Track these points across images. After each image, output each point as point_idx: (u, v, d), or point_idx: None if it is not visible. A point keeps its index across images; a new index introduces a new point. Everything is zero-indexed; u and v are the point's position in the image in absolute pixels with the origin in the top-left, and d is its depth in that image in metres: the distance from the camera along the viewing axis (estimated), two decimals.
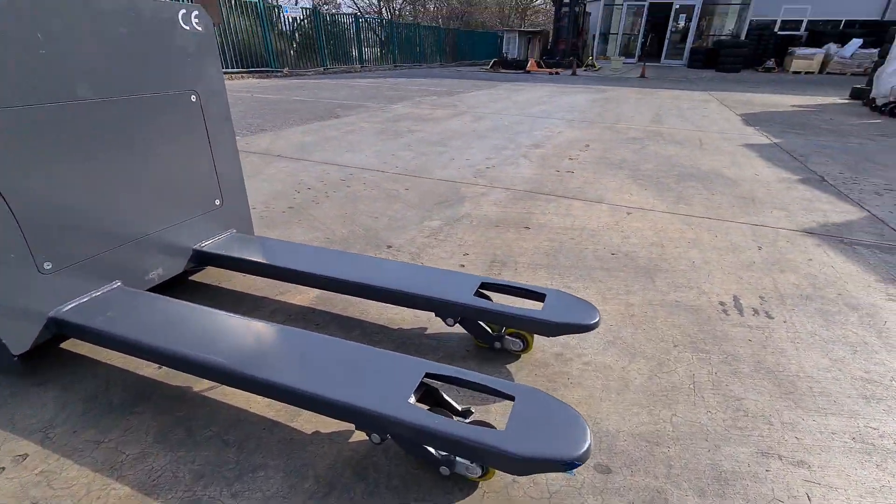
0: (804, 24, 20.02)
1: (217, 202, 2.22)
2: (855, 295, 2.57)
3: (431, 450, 1.32)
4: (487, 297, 1.89)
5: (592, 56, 20.65)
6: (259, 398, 1.76)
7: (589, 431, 1.29)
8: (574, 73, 17.25)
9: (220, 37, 13.63)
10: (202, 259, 2.20)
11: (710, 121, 7.80)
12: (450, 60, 22.94)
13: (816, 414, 1.75)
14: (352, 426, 1.50)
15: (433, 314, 2.07)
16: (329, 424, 1.55)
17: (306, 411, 1.57)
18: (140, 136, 1.73)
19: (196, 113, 2.04)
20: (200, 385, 1.82)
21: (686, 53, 20.63)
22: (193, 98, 1.99)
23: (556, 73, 17.88)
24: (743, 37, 19.50)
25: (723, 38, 19.92)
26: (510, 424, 1.32)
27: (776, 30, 19.66)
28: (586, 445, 1.25)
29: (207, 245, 2.16)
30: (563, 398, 1.79)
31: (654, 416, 1.71)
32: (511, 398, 1.43)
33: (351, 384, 1.42)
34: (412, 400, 1.38)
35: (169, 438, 1.45)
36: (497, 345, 1.84)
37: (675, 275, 2.75)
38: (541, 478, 1.51)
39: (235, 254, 2.17)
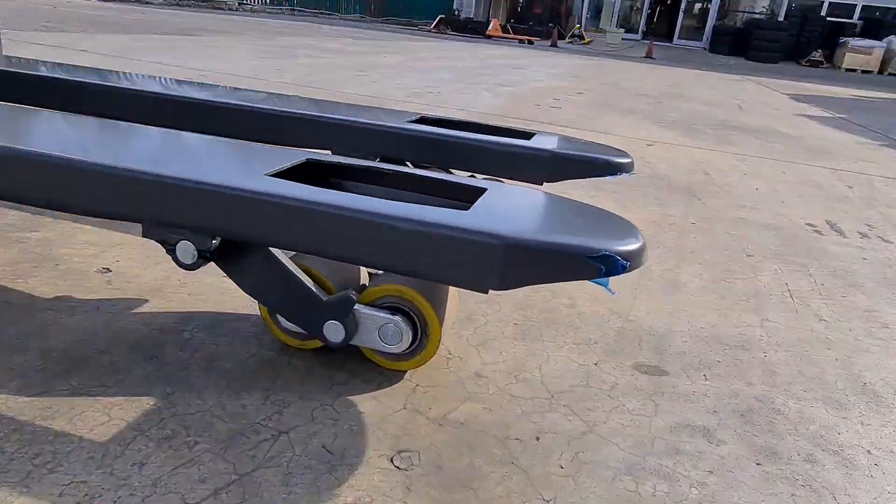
0: (857, 11, 22.16)
1: None
2: None
3: (306, 280, 1.08)
4: None
5: (581, 25, 21.71)
6: None
7: (639, 231, 1.00)
8: (554, 45, 17.95)
9: None
10: None
11: (748, 94, 8.28)
12: (376, 15, 23.22)
13: None
14: (141, 290, 1.32)
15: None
16: (93, 286, 1.30)
17: (43, 273, 1.35)
18: None
19: None
20: None
21: (707, 33, 22.06)
22: None
23: (529, 41, 18.52)
24: (782, 17, 21.25)
25: (756, 16, 21.61)
26: (479, 206, 1.01)
27: (824, 14, 21.61)
28: (639, 241, 0.95)
29: None
30: (564, 292, 1.54)
31: (731, 319, 1.50)
32: (478, 193, 1.11)
33: (161, 162, 1.09)
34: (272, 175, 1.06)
35: None
36: None
37: (733, 197, 2.65)
38: (533, 369, 1.18)
39: None
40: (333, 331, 1.06)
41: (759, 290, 1.70)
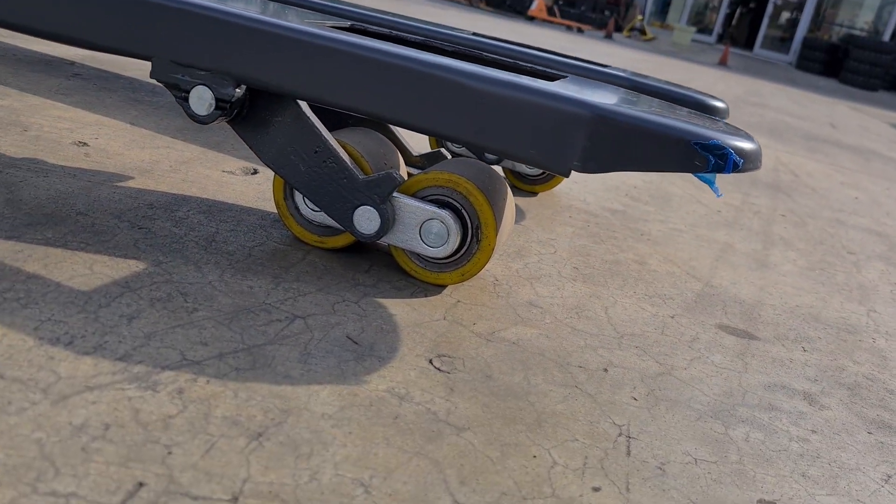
0: None
1: None
2: None
3: (339, 150, 1.14)
4: None
5: (643, 17, 21.97)
6: None
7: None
8: (609, 36, 18.23)
9: None
10: None
11: (841, 116, 8.40)
12: None
13: None
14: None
15: None
16: (68, 156, 1.34)
17: (8, 137, 1.42)
18: None
19: None
20: None
21: (795, 47, 22.36)
22: None
23: (579, 29, 18.81)
24: (888, 37, 21.54)
25: (856, 33, 21.90)
26: (564, 82, 1.04)
27: None
28: (755, 143, 0.97)
29: None
30: (631, 248, 1.58)
31: (832, 304, 1.53)
32: (559, 77, 1.14)
33: None
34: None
35: None
36: None
37: (828, 201, 2.70)
38: (597, 309, 1.21)
39: None
40: (366, 219, 1.07)
41: (864, 284, 1.72)
